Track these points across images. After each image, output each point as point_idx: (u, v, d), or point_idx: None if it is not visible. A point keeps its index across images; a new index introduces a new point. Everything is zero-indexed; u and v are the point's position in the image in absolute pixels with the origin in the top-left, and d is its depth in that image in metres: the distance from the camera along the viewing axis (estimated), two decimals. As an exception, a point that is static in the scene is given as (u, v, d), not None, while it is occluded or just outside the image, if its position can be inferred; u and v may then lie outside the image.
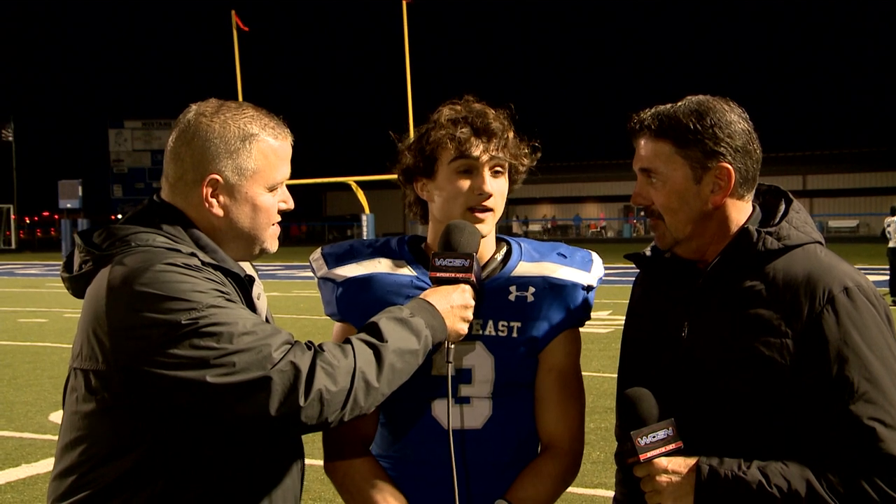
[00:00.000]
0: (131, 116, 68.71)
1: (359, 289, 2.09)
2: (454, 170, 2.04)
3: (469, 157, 2.02)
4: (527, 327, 2.07)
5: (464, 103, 2.11)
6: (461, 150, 2.02)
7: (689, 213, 1.90)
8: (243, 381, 1.60)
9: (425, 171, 2.08)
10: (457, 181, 2.04)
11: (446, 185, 2.05)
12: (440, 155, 2.05)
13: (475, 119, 2.04)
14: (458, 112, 2.07)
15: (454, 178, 2.04)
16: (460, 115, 2.06)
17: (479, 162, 2.03)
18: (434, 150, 2.05)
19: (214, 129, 1.82)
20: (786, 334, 1.79)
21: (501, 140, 2.05)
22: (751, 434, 1.82)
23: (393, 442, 2.11)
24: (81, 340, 1.71)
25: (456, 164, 2.03)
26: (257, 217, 1.86)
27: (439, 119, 2.08)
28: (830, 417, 1.74)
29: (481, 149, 2.03)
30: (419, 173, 2.10)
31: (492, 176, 2.05)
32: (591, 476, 5.57)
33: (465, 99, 2.12)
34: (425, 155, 2.06)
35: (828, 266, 1.84)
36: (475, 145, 2.02)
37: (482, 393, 2.06)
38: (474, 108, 2.08)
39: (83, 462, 1.71)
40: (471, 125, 2.03)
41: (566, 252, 2.17)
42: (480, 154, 2.03)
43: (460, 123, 2.04)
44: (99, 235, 1.80)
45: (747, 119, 1.92)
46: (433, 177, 2.07)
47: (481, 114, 2.06)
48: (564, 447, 2.10)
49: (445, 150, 2.04)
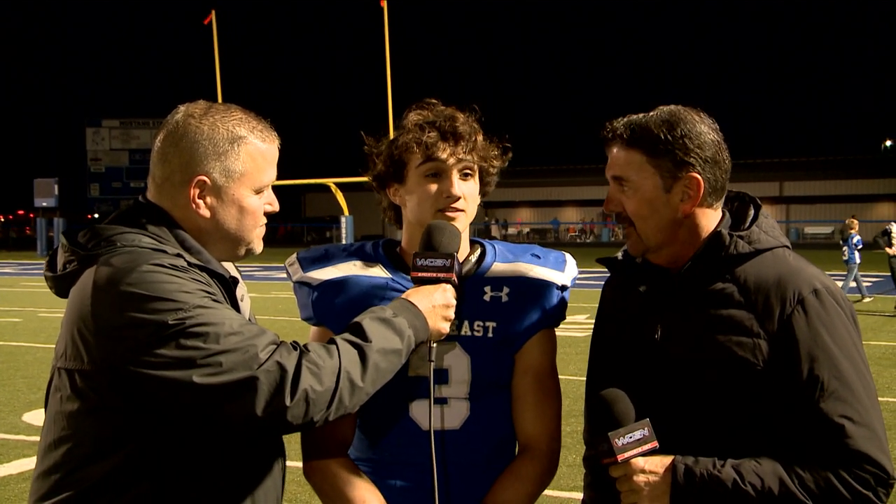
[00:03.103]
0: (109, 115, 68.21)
1: (334, 292, 2.10)
2: (422, 173, 2.05)
3: (436, 160, 2.04)
4: (502, 327, 2.08)
5: (430, 107, 2.12)
6: (428, 153, 2.03)
7: (659, 220, 1.93)
8: (230, 382, 1.61)
9: (396, 176, 2.10)
10: (426, 185, 2.05)
11: (416, 188, 2.06)
12: (409, 160, 2.06)
13: (442, 123, 2.05)
14: (425, 116, 2.08)
15: (423, 181, 2.05)
16: (427, 119, 2.07)
17: (446, 165, 2.04)
18: (402, 154, 2.07)
19: (203, 130, 1.82)
20: (758, 335, 1.84)
21: (469, 143, 2.06)
22: (725, 433, 1.86)
23: (371, 444, 2.12)
24: (66, 340, 1.71)
25: (424, 167, 2.05)
26: (244, 219, 1.87)
27: (406, 124, 2.09)
28: (802, 415, 1.79)
29: (448, 152, 2.04)
30: (390, 179, 2.11)
31: (460, 178, 2.06)
32: (567, 479, 5.59)
33: (431, 103, 2.13)
34: (395, 160, 2.08)
35: (797, 269, 1.89)
36: (442, 149, 2.04)
37: (459, 394, 2.07)
38: (441, 111, 2.09)
39: (67, 462, 1.71)
40: (438, 129, 2.04)
41: (540, 253, 2.19)
42: (448, 157, 2.04)
43: (427, 128, 2.05)
44: (84, 235, 1.80)
45: (717, 130, 1.96)
46: (403, 181, 2.09)
47: (449, 117, 2.07)
48: (542, 448, 2.11)
49: (413, 154, 2.05)
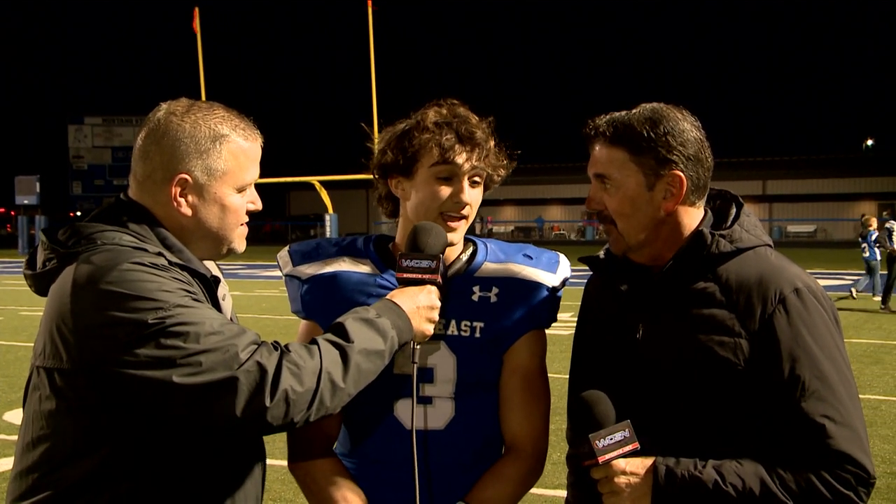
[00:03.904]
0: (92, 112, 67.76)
1: (323, 287, 2.10)
2: (434, 174, 2.03)
3: (452, 163, 2.02)
4: (490, 327, 2.07)
5: (449, 107, 2.09)
6: (444, 156, 2.01)
7: (641, 219, 1.93)
8: (210, 382, 1.60)
9: (403, 169, 2.06)
10: (435, 186, 2.03)
11: (424, 187, 2.04)
12: (422, 157, 2.03)
13: (460, 125, 2.03)
14: (444, 116, 2.05)
15: (433, 182, 2.03)
16: (445, 119, 2.04)
17: (460, 170, 2.03)
18: (417, 151, 2.04)
19: (185, 128, 1.81)
20: (739, 334, 1.84)
21: (484, 150, 2.05)
22: (707, 433, 1.86)
23: (356, 442, 2.12)
24: (45, 338, 1.69)
25: (437, 169, 2.02)
26: (226, 217, 1.86)
27: (424, 121, 2.05)
28: (783, 415, 1.79)
29: (464, 157, 2.02)
30: (396, 171, 2.08)
31: (470, 186, 2.05)
32: (552, 477, 5.59)
33: (450, 102, 2.10)
34: (407, 155, 2.05)
35: (778, 268, 1.89)
36: (458, 153, 2.02)
37: (444, 393, 2.06)
38: (459, 112, 2.07)
39: (45, 462, 1.69)
40: (455, 131, 2.02)
41: (532, 253, 2.18)
42: (463, 162, 2.02)
43: (445, 129, 2.02)
44: (64, 233, 1.78)
45: (699, 127, 1.95)
46: (411, 177, 2.06)
47: (465, 120, 2.05)
48: (528, 449, 2.10)
49: (429, 153, 2.02)
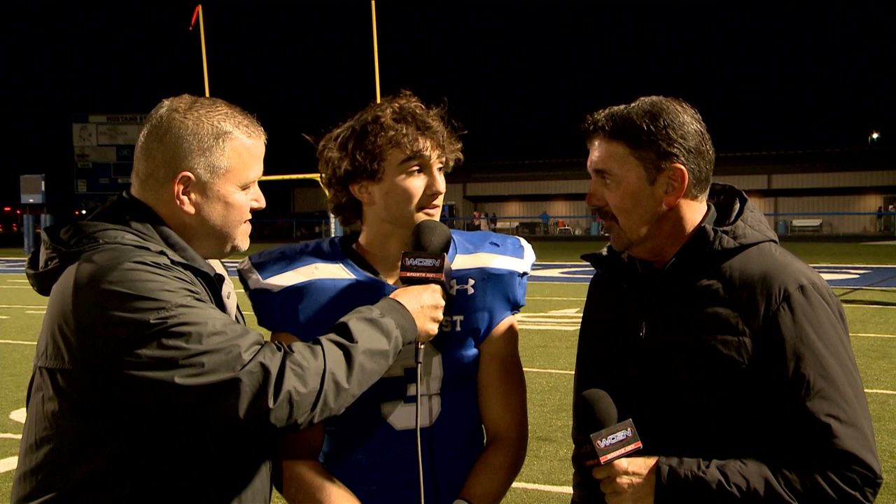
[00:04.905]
0: (96, 111, 67.82)
1: (298, 297, 2.02)
2: (405, 170, 1.99)
3: (421, 156, 1.99)
4: (469, 319, 2.07)
5: (403, 100, 2.04)
6: (413, 150, 1.98)
7: (643, 213, 1.90)
8: (212, 383, 1.59)
9: (370, 173, 1.99)
10: (407, 181, 1.99)
11: (395, 186, 1.99)
12: (388, 156, 1.98)
13: (417, 117, 2.00)
14: (400, 111, 2.00)
15: (405, 178, 1.99)
16: (402, 114, 2.00)
17: (429, 161, 2.01)
18: (382, 151, 1.98)
19: (188, 125, 1.79)
20: (743, 332, 1.81)
21: (440, 136, 2.02)
22: (710, 432, 1.84)
23: (343, 447, 2.08)
24: (47, 338, 1.68)
25: (407, 164, 1.99)
26: (229, 215, 1.85)
27: (383, 120, 1.99)
28: (787, 414, 1.77)
29: (429, 147, 2.00)
30: (360, 176, 2.01)
31: (438, 174, 2.04)
32: (559, 473, 5.58)
33: (401, 94, 2.06)
34: (371, 157, 1.98)
35: (783, 264, 1.87)
36: (423, 145, 1.99)
37: (432, 390, 2.06)
38: (412, 104, 2.03)
39: (49, 462, 1.69)
40: (415, 124, 1.99)
41: (497, 241, 2.16)
42: (430, 153, 2.00)
43: (404, 124, 1.99)
44: (66, 232, 1.77)
45: (700, 120, 1.93)
46: (378, 178, 1.99)
47: (421, 110, 2.02)
48: (512, 436, 2.10)
49: (395, 150, 1.97)
